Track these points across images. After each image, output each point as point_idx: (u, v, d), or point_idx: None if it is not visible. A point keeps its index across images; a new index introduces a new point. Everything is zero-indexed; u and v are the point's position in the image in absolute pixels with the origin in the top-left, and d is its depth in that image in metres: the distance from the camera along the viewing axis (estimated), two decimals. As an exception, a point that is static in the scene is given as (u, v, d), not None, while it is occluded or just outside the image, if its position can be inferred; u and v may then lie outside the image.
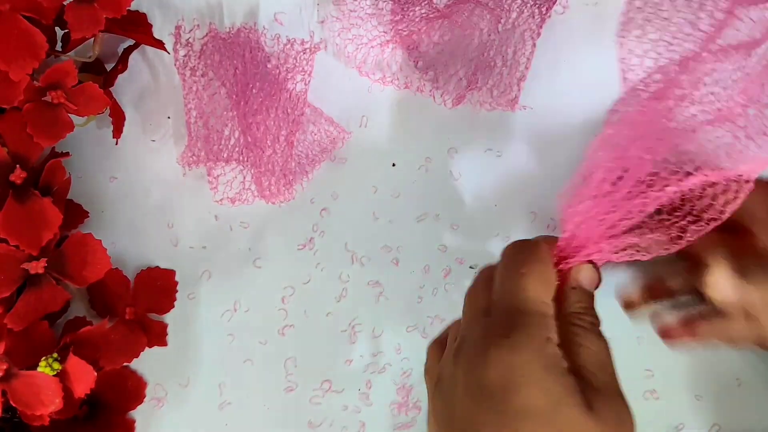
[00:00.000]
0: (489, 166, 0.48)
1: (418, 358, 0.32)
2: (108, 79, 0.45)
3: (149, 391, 0.45)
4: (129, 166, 0.48)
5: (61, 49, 0.44)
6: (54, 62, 0.41)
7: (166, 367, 0.46)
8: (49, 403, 0.38)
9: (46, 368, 0.39)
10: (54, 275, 0.41)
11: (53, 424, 0.40)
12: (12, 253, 0.40)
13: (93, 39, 0.44)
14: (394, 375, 0.46)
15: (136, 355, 0.43)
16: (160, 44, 0.46)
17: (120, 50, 0.47)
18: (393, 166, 0.48)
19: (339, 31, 0.49)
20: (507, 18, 0.46)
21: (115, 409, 0.43)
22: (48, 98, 0.41)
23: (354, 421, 0.45)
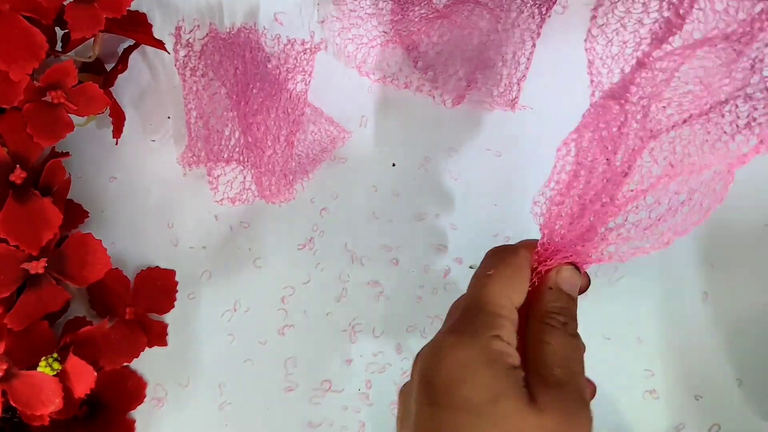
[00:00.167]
0: (489, 166, 0.48)
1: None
2: (108, 79, 0.45)
3: (149, 391, 0.45)
4: (129, 166, 0.48)
5: (61, 49, 0.44)
6: (54, 62, 0.41)
7: (166, 367, 0.46)
8: (49, 403, 0.38)
9: (46, 368, 0.39)
10: (54, 275, 0.41)
11: (53, 424, 0.40)
12: (12, 253, 0.40)
13: (93, 39, 0.44)
14: (394, 375, 0.46)
15: (136, 355, 0.43)
16: (160, 44, 0.46)
17: (120, 50, 0.47)
18: (393, 166, 0.48)
19: (339, 31, 0.49)
20: (507, 18, 0.46)
21: (115, 409, 0.43)
22: (48, 98, 0.41)
23: (354, 421, 0.45)
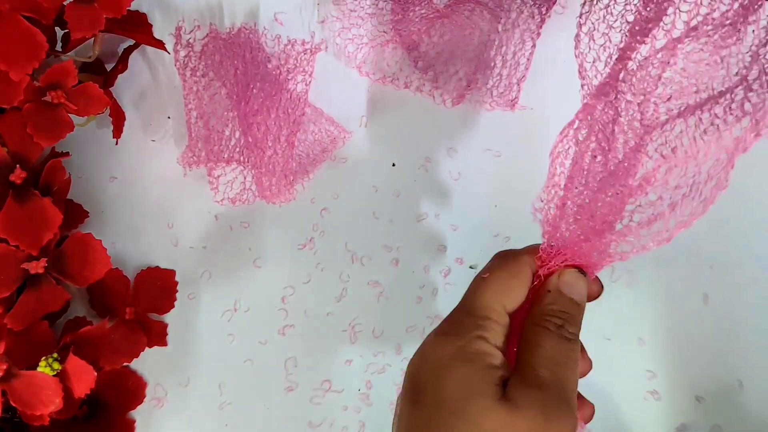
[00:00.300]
0: (489, 166, 0.48)
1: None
2: (108, 79, 0.45)
3: (149, 391, 0.45)
4: (129, 166, 0.48)
5: (61, 49, 0.44)
6: (54, 62, 0.41)
7: (166, 367, 0.46)
8: (49, 403, 0.38)
9: (46, 368, 0.39)
10: (54, 275, 0.41)
11: (53, 424, 0.40)
12: (12, 253, 0.40)
13: (93, 39, 0.44)
14: (394, 375, 0.46)
15: (136, 355, 0.43)
16: (160, 44, 0.46)
17: (120, 50, 0.47)
18: (393, 166, 0.48)
19: (339, 31, 0.49)
20: (507, 18, 0.46)
21: (115, 409, 0.43)
22: (48, 98, 0.41)
23: (354, 421, 0.45)
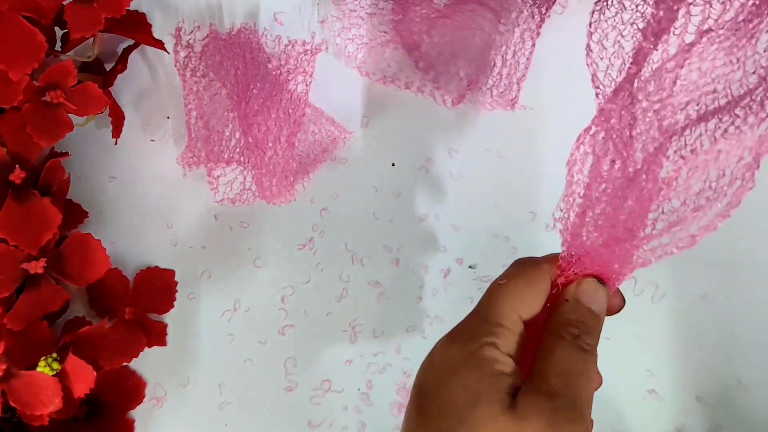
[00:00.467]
0: (489, 167, 0.48)
1: (418, 358, 0.32)
2: (107, 79, 0.45)
3: (149, 391, 0.45)
4: (128, 166, 0.48)
5: (60, 49, 0.44)
6: (53, 62, 0.41)
7: (166, 367, 0.46)
8: (49, 403, 0.38)
9: (45, 368, 0.39)
10: (53, 275, 0.41)
11: (53, 424, 0.40)
12: (11, 253, 0.39)
13: (92, 39, 0.44)
14: (395, 375, 0.46)
15: (135, 355, 0.43)
16: (159, 44, 0.46)
17: (119, 50, 0.47)
18: (393, 166, 0.48)
19: (339, 31, 0.49)
20: (507, 18, 0.46)
21: (115, 409, 0.43)
22: (47, 98, 0.41)
23: (354, 421, 0.45)
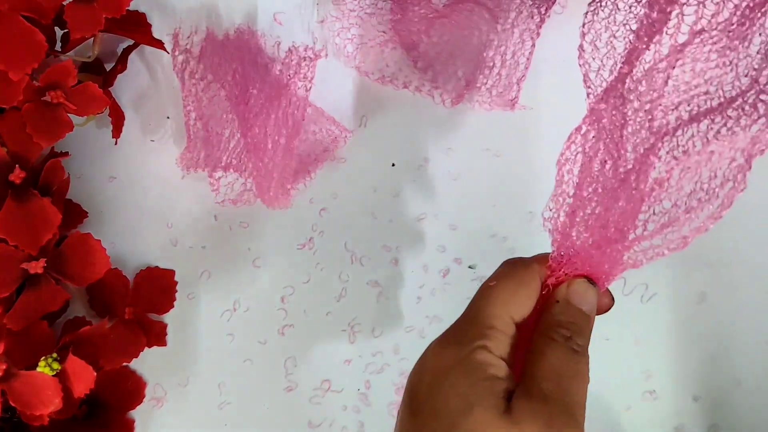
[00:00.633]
0: (488, 166, 0.48)
1: (417, 358, 0.32)
2: (107, 79, 0.45)
3: (149, 391, 0.45)
4: (128, 166, 0.48)
5: (60, 49, 0.44)
6: (53, 62, 0.41)
7: (166, 367, 0.46)
8: (49, 403, 0.38)
9: (45, 368, 0.39)
10: (53, 275, 0.41)
11: (53, 424, 0.40)
12: (11, 253, 0.40)
13: (92, 39, 0.44)
14: (393, 375, 0.46)
15: (135, 355, 0.43)
16: (159, 44, 0.46)
17: (119, 50, 0.47)
18: (392, 166, 0.48)
19: (338, 31, 0.49)
20: (506, 18, 0.46)
21: (115, 408, 0.43)
22: (47, 98, 0.41)
23: (353, 421, 0.45)
